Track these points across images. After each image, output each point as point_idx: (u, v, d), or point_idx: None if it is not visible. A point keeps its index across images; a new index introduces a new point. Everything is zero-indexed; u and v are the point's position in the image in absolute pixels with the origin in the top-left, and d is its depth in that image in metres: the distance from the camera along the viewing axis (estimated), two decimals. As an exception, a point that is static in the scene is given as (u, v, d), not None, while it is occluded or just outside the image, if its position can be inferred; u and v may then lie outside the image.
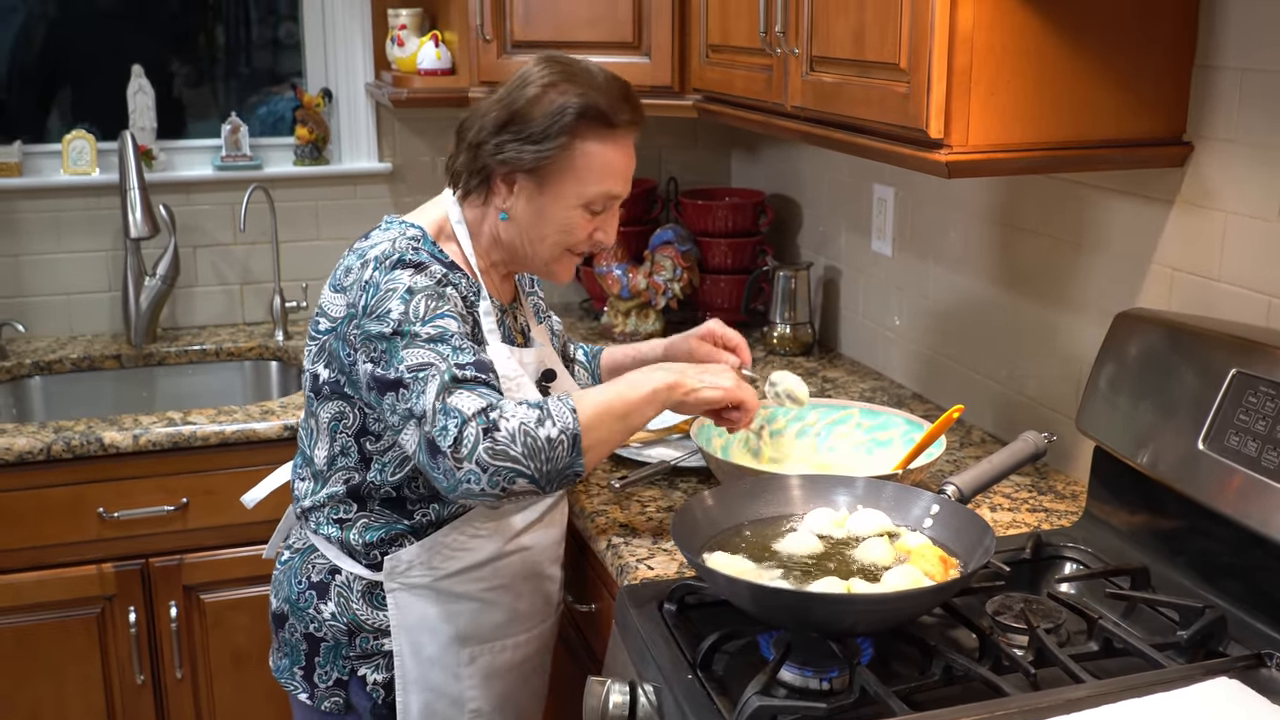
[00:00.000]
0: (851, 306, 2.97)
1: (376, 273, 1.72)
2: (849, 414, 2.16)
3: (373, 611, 1.85)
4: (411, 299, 1.68)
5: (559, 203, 1.81)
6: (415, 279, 1.70)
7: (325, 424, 1.82)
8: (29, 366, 3.02)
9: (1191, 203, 1.86)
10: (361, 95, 3.31)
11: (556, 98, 1.77)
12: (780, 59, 2.14)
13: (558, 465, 1.61)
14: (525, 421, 1.59)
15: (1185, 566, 1.72)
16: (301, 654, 1.90)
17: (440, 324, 1.67)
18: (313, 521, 1.88)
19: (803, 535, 1.69)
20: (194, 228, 3.23)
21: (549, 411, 1.62)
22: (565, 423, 1.61)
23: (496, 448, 1.57)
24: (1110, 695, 1.41)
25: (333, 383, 1.80)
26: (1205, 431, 1.63)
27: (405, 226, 1.83)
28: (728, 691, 1.49)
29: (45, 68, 3.35)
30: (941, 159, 1.72)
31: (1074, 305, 2.15)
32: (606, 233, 1.88)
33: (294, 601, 1.90)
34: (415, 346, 1.65)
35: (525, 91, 1.78)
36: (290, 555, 1.94)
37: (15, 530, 2.52)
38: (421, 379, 1.63)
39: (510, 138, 1.77)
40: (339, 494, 1.83)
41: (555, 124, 1.76)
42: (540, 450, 1.59)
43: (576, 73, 1.80)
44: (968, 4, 1.67)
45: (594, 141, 1.78)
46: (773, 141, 3.33)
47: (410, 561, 1.83)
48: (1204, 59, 1.80)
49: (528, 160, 1.77)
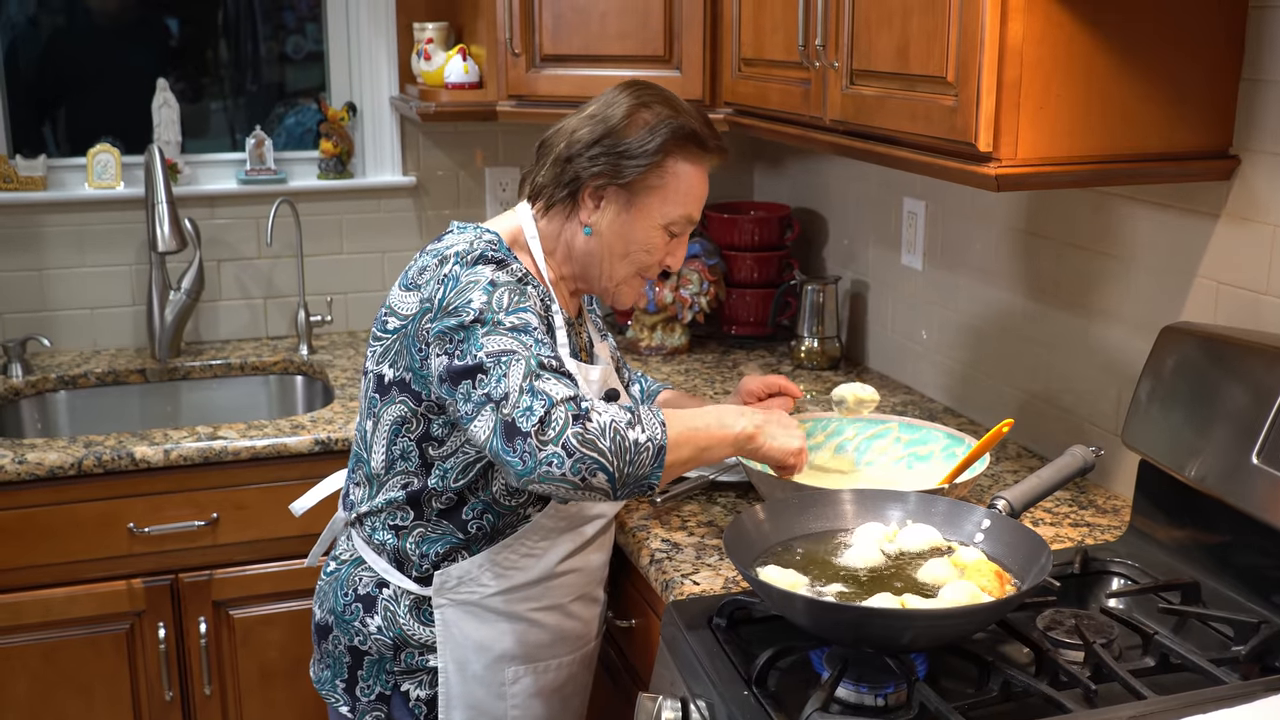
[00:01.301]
0: (880, 320, 2.97)
1: (457, 266, 1.72)
2: (888, 428, 2.15)
3: (420, 627, 1.85)
4: (495, 290, 1.69)
5: (644, 220, 1.84)
6: (498, 274, 1.71)
7: (387, 426, 1.81)
8: (54, 381, 3.02)
9: (1238, 216, 1.86)
10: (386, 109, 3.31)
11: (651, 117, 1.81)
12: (819, 72, 2.14)
13: (638, 471, 1.60)
14: (616, 420, 1.59)
15: (1234, 580, 1.71)
16: (345, 666, 1.89)
17: (523, 316, 1.67)
18: (366, 527, 1.88)
19: (866, 548, 1.68)
20: (218, 241, 3.23)
21: (639, 417, 1.62)
22: (654, 432, 1.62)
23: (586, 435, 1.56)
24: (1172, 711, 1.41)
25: (399, 382, 1.79)
26: (1260, 445, 1.62)
27: (481, 231, 1.83)
28: (784, 708, 1.48)
29: (51, 80, 3.35)
30: (991, 172, 1.72)
31: (1112, 318, 2.14)
32: (676, 258, 1.91)
33: (339, 613, 1.89)
34: (497, 334, 1.64)
35: (618, 110, 1.82)
36: (337, 566, 1.93)
37: (45, 545, 2.50)
38: (504, 363, 1.61)
39: (603, 151, 1.80)
40: (398, 500, 1.83)
41: (651, 142, 1.80)
42: (626, 450, 1.59)
43: (667, 97, 1.86)
44: (1018, 17, 1.67)
45: (685, 162, 1.83)
46: (797, 155, 3.32)
47: (460, 578, 1.83)
48: (1251, 73, 1.80)
49: (625, 173, 1.80)
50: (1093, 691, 1.47)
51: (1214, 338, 1.77)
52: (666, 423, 1.64)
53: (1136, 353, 2.01)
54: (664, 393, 2.21)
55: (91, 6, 3.37)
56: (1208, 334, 1.79)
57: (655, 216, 1.84)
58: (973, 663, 1.55)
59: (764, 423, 1.76)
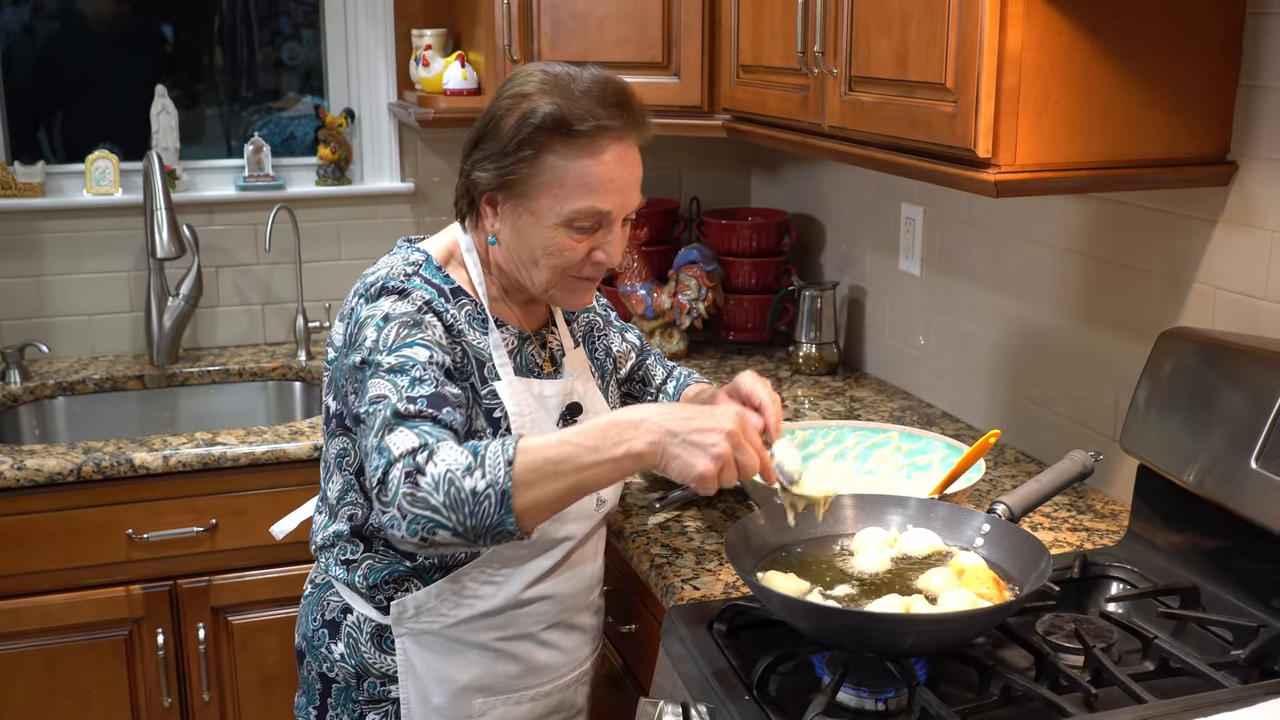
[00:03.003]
0: (877, 326, 2.97)
1: (362, 301, 1.66)
2: (888, 437, 2.15)
3: (381, 656, 1.77)
4: (385, 326, 1.61)
5: (538, 223, 1.67)
6: (396, 305, 1.63)
7: (334, 458, 1.77)
8: (52, 387, 3.01)
9: (1236, 221, 1.86)
10: (384, 115, 3.31)
11: (525, 108, 1.63)
12: (818, 79, 2.14)
13: (483, 521, 1.44)
14: (452, 468, 1.44)
15: (1234, 584, 1.72)
16: (316, 693, 1.84)
17: (406, 353, 1.57)
18: (323, 562, 1.82)
19: (874, 553, 1.68)
20: (216, 247, 3.23)
21: (482, 459, 1.45)
22: (495, 475, 1.43)
23: (417, 494, 1.44)
24: (1172, 715, 1.41)
25: (338, 415, 1.74)
26: (1259, 450, 1.63)
27: (410, 251, 1.76)
28: (785, 713, 1.49)
29: (46, 87, 3.36)
30: (990, 178, 1.72)
31: (1111, 324, 2.15)
32: (607, 252, 1.70)
33: (309, 638, 1.84)
34: (377, 377, 1.56)
35: (499, 105, 1.67)
36: (311, 590, 1.88)
37: (44, 552, 2.50)
38: (373, 414, 1.53)
39: (480, 155, 1.67)
40: (344, 532, 1.77)
41: (517, 137, 1.63)
42: (463, 503, 1.43)
43: (559, 80, 1.65)
44: (1017, 24, 1.68)
45: (561, 153, 1.63)
46: (794, 161, 3.33)
47: (419, 607, 1.75)
48: (1248, 79, 1.80)
49: (490, 179, 1.66)
50: (1093, 695, 1.47)
51: (1212, 343, 1.78)
52: (516, 459, 1.44)
53: (1135, 358, 2.02)
54: (690, 387, 2.02)
55: (88, 13, 3.37)
56: (1206, 339, 1.79)
57: (548, 216, 1.65)
58: (973, 667, 1.56)
59: (666, 439, 1.47)
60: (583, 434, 1.48)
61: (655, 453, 1.47)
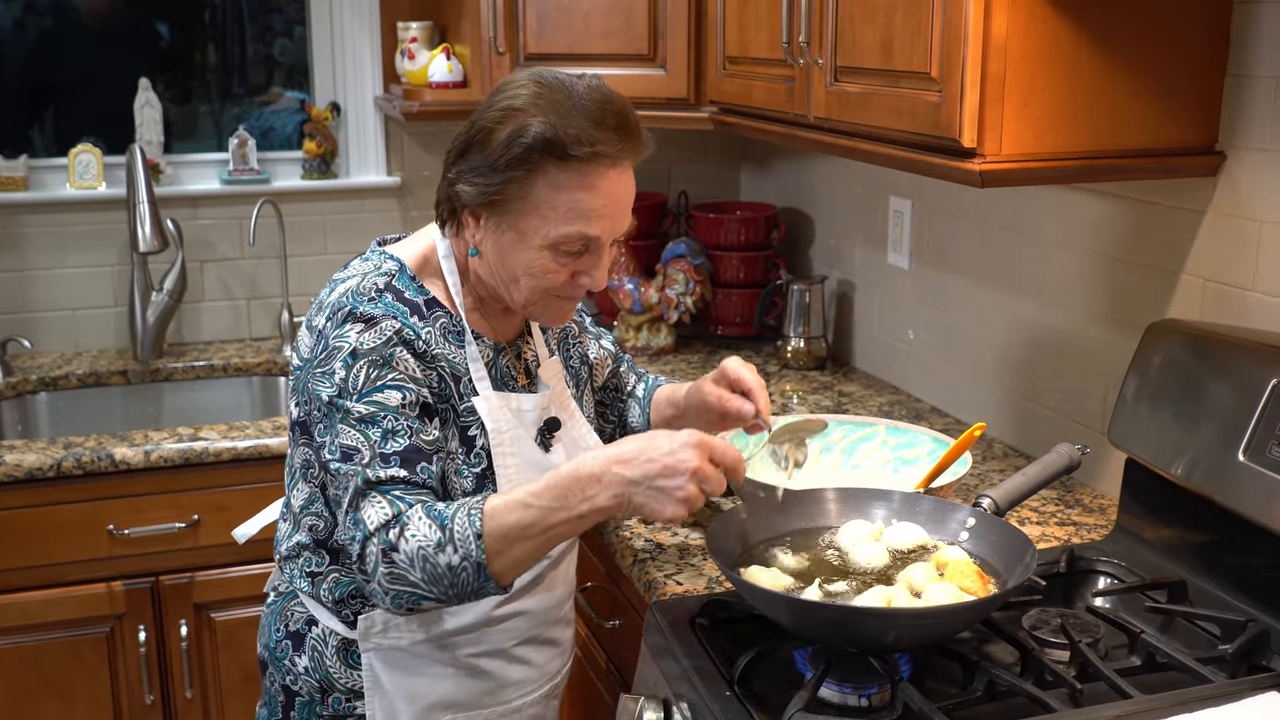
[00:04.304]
0: (866, 320, 2.96)
1: (329, 324, 1.59)
2: (875, 431, 2.13)
3: (346, 671, 1.71)
4: (353, 364, 1.55)
5: (522, 243, 1.59)
6: (363, 337, 1.56)
7: (298, 466, 1.70)
8: (34, 383, 2.99)
9: (1224, 213, 1.85)
10: (370, 109, 3.29)
11: (517, 124, 1.54)
12: (803, 70, 2.13)
13: (464, 590, 1.48)
14: (425, 545, 1.46)
15: (1221, 579, 1.70)
16: (279, 705, 1.78)
17: (377, 398, 1.54)
18: (287, 572, 1.76)
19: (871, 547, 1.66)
20: (201, 242, 3.20)
21: (452, 534, 1.46)
22: (467, 549, 1.46)
23: (395, 571, 1.47)
24: (1158, 710, 1.40)
25: (301, 423, 1.66)
26: (1246, 443, 1.61)
27: (383, 259, 1.68)
28: (766, 708, 1.47)
29: (37, 82, 3.33)
30: (975, 168, 1.70)
31: (1099, 317, 2.13)
32: (592, 277, 1.64)
33: (272, 649, 1.78)
34: (347, 425, 1.53)
35: (489, 115, 1.58)
36: (275, 598, 1.81)
37: (24, 548, 2.48)
38: (344, 474, 1.52)
39: (466, 167, 1.59)
40: (307, 543, 1.71)
41: (507, 155, 1.54)
42: (441, 577, 1.46)
43: (553, 93, 1.56)
44: (1001, 12, 1.66)
45: (553, 176, 1.55)
46: (783, 154, 3.31)
47: (385, 623, 1.68)
48: (1236, 68, 1.79)
49: (475, 195, 1.58)
50: (1078, 691, 1.46)
51: (1200, 335, 1.76)
52: (484, 530, 1.46)
53: (1123, 350, 2.00)
54: (659, 390, 2.01)
55: (80, 9, 3.35)
56: (1194, 331, 1.78)
57: (533, 238, 1.58)
58: (957, 662, 1.54)
59: (630, 489, 1.46)
60: (544, 494, 1.48)
61: (620, 505, 1.48)
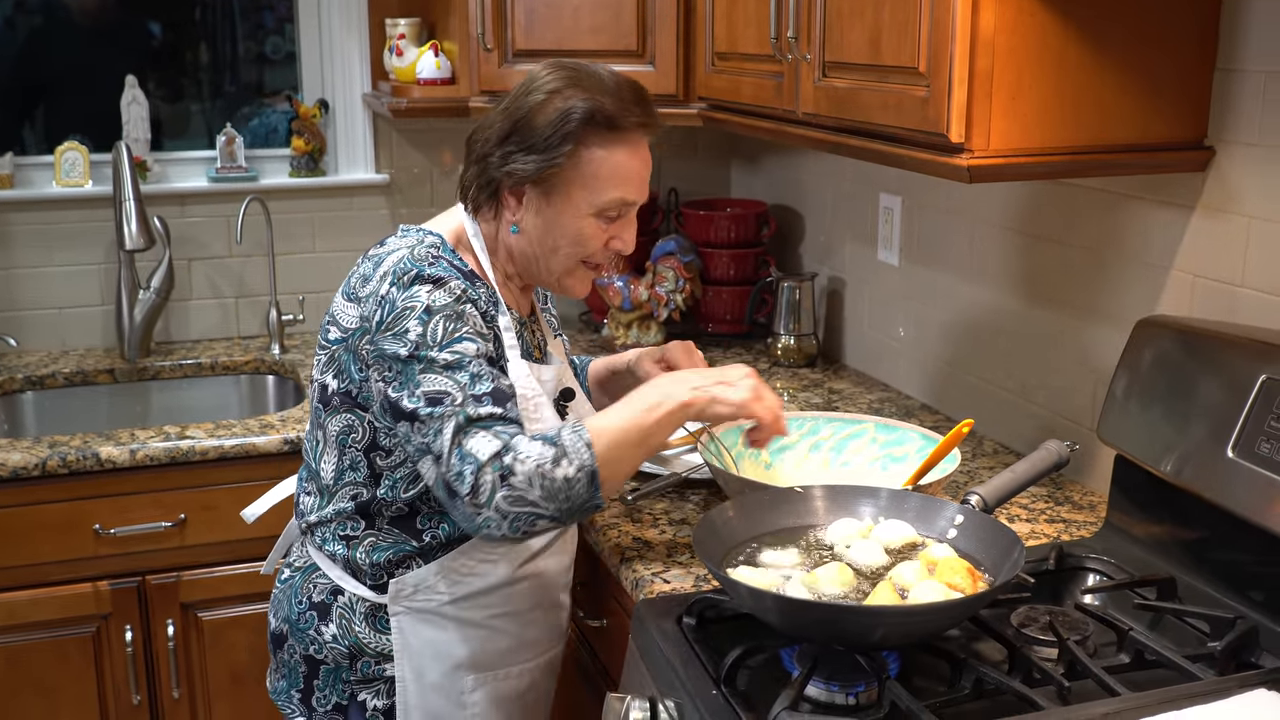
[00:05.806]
0: (856, 317, 2.95)
1: (394, 289, 1.66)
2: (864, 428, 2.12)
3: (376, 635, 1.80)
4: (429, 320, 1.63)
5: (570, 211, 1.75)
6: (434, 295, 1.65)
7: (334, 436, 1.78)
8: (20, 381, 2.97)
9: (1214, 208, 1.84)
10: (358, 106, 3.27)
11: (561, 104, 1.70)
12: (791, 65, 2.12)
13: (576, 503, 1.59)
14: (541, 462, 1.57)
15: (1211, 576, 1.69)
16: (300, 676, 1.85)
17: (458, 349, 1.63)
18: (318, 537, 1.83)
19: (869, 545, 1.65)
20: (188, 240, 3.18)
21: (564, 448, 1.58)
22: (582, 459, 1.58)
23: (514, 493, 1.56)
24: (1147, 708, 1.39)
25: (342, 393, 1.75)
26: (1234, 439, 1.60)
27: (423, 234, 1.78)
28: (753, 707, 1.46)
29: (28, 80, 3.31)
30: (963, 163, 1.70)
31: (1089, 313, 2.13)
32: (624, 240, 1.81)
33: (294, 622, 1.84)
34: (432, 373, 1.61)
35: (529, 100, 1.73)
36: (291, 574, 1.89)
37: (9, 548, 2.46)
38: (438, 416, 1.59)
39: (514, 148, 1.72)
40: (347, 510, 1.79)
41: (559, 131, 1.70)
42: (559, 491, 1.57)
43: (583, 77, 1.74)
44: (989, 7, 1.65)
45: (601, 147, 1.72)
46: (774, 151, 3.30)
47: (417, 585, 1.78)
48: (1226, 62, 1.78)
49: (531, 171, 1.71)
50: (1066, 689, 1.45)
51: (1189, 331, 1.75)
52: (593, 440, 1.59)
53: (1112, 347, 1.99)
54: (592, 365, 2.13)
55: (71, 7, 3.33)
56: (1183, 327, 1.77)
57: (581, 206, 1.74)
58: (945, 660, 1.53)
59: (701, 385, 1.67)
60: (630, 405, 1.65)
61: (699, 398, 1.66)
